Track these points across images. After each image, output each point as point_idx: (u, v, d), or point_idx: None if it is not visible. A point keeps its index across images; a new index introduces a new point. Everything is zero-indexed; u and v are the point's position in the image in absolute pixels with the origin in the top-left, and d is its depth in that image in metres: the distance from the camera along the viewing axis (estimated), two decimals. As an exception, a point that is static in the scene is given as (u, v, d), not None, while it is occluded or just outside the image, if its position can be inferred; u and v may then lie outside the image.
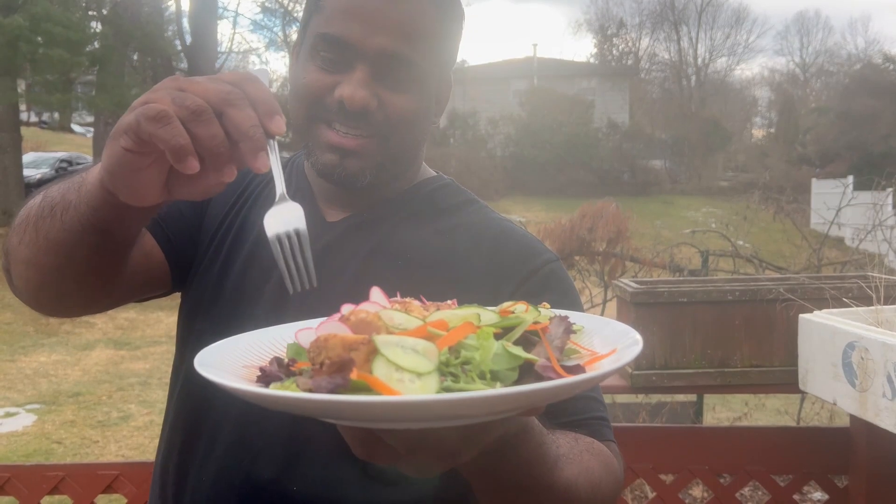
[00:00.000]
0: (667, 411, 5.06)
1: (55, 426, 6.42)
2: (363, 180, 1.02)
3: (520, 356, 0.68)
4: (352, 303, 0.79)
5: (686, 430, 2.57)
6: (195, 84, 0.74)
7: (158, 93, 0.74)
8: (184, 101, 0.71)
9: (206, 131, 0.72)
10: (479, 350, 0.67)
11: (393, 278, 1.01)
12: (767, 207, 7.69)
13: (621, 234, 5.44)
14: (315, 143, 1.02)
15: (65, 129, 33.72)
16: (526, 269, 1.06)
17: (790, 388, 1.84)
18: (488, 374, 0.66)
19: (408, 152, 1.07)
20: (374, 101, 0.99)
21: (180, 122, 0.71)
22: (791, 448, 2.02)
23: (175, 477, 1.07)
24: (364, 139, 1.00)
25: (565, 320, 0.75)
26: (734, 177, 27.67)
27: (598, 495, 0.94)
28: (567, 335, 0.74)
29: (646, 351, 1.93)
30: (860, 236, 5.81)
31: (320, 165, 1.02)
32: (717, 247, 6.31)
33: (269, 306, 1.04)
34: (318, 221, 1.09)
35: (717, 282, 2.16)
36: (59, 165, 21.98)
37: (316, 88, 1.00)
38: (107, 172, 0.79)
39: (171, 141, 0.71)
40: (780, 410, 5.64)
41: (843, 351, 1.64)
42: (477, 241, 1.08)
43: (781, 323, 1.91)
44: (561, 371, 0.68)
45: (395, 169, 1.06)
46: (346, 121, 0.99)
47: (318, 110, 1.00)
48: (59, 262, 0.92)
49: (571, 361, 0.74)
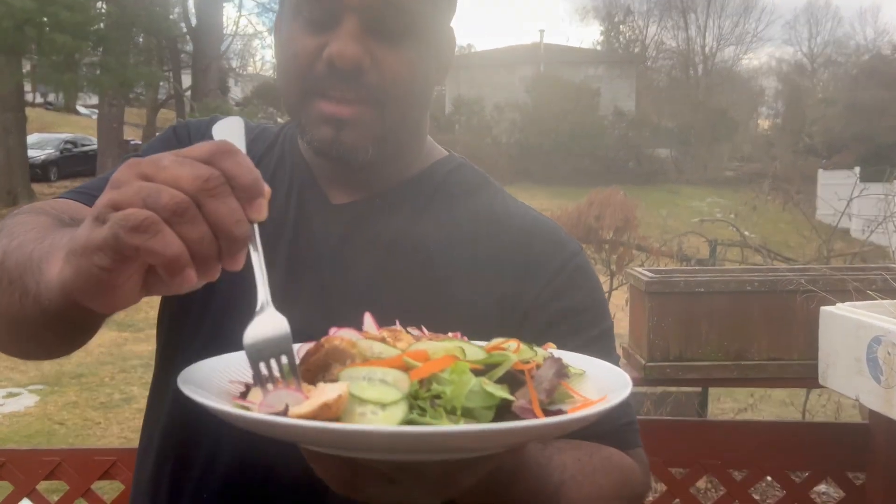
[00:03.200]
0: (671, 401, 5.02)
1: (57, 407, 6.40)
2: (364, 155, 0.91)
3: (494, 395, 0.63)
4: (369, 305, 0.77)
5: (698, 423, 2.52)
6: (164, 170, 0.59)
7: (123, 190, 0.59)
8: (159, 199, 0.57)
9: (192, 233, 0.58)
10: (452, 385, 0.62)
11: (413, 276, 0.94)
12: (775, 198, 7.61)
13: (629, 222, 5.37)
14: (307, 118, 0.91)
15: (70, 110, 33.66)
16: (554, 265, 0.97)
17: (809, 383, 1.79)
18: (459, 409, 0.62)
19: (408, 120, 0.95)
20: (367, 59, 0.87)
21: None
22: (807, 444, 1.97)
23: (169, 486, 0.97)
24: (359, 105, 0.89)
25: (558, 362, 0.70)
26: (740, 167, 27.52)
27: None
28: (558, 378, 0.69)
29: (660, 342, 1.88)
30: (871, 227, 5.74)
31: (316, 142, 0.91)
32: (724, 237, 6.25)
33: (276, 300, 0.95)
34: (321, 203, 0.99)
35: (735, 272, 2.10)
36: (63, 146, 21.97)
37: (303, 57, 0.89)
38: (73, 288, 0.63)
39: (165, 253, 0.57)
40: (786, 402, 5.59)
41: (868, 345, 1.58)
42: (501, 233, 0.99)
43: (801, 315, 1.85)
44: (539, 413, 0.63)
45: (397, 141, 0.95)
46: (338, 83, 0.88)
47: (309, 82, 0.90)
48: (18, 336, 0.82)
49: (561, 406, 0.68)
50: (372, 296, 0.93)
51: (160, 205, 0.57)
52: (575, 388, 0.72)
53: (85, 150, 22.16)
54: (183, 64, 27.74)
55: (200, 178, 0.59)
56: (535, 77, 27.89)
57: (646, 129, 28.10)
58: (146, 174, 0.60)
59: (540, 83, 27.06)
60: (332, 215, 0.98)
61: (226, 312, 0.94)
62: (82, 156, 21.89)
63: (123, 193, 0.59)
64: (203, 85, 21.87)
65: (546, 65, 29.87)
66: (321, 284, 0.94)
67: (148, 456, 1.01)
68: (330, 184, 1.01)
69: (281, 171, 1.03)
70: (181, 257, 0.58)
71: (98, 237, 0.59)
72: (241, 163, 0.61)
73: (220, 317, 0.95)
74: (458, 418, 0.61)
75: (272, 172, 1.02)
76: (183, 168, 0.59)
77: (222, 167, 0.60)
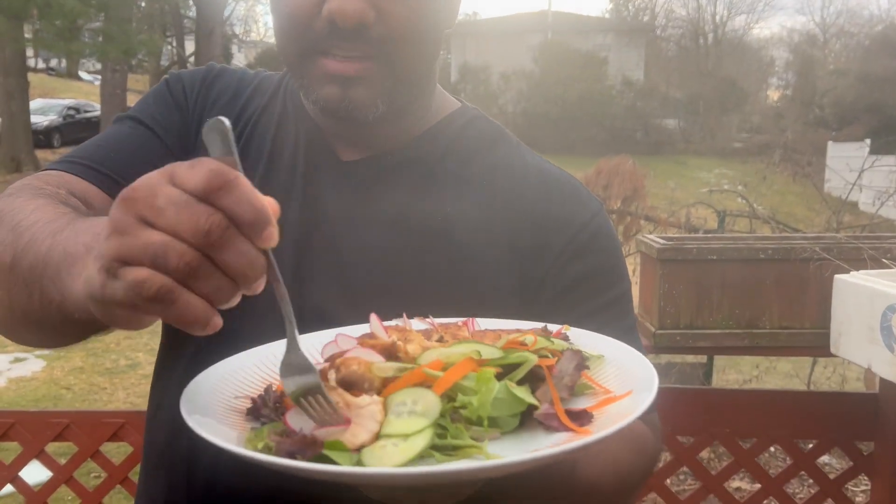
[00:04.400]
0: (676, 372, 5.03)
1: (63, 372, 6.45)
2: (375, 111, 0.86)
3: (524, 400, 0.63)
4: (385, 273, 0.79)
5: (707, 391, 2.52)
6: (163, 215, 0.55)
7: (128, 241, 0.55)
8: (168, 261, 0.54)
9: (208, 287, 0.56)
10: (478, 393, 0.62)
11: (430, 243, 0.90)
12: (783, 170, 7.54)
13: (637, 191, 5.33)
14: (310, 78, 0.86)
15: (72, 76, 33.47)
16: (575, 225, 0.94)
17: (820, 352, 1.78)
18: (486, 420, 0.61)
19: (418, 71, 0.90)
20: (371, 12, 0.82)
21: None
22: (815, 413, 1.96)
23: (186, 458, 0.93)
24: (366, 62, 0.84)
25: (578, 355, 0.69)
26: (748, 138, 27.29)
27: (624, 485, 0.88)
28: (579, 372, 0.68)
29: (670, 310, 1.86)
30: (881, 199, 5.69)
31: (322, 101, 0.86)
32: (732, 208, 6.20)
33: (287, 271, 0.89)
34: (331, 160, 0.95)
35: (748, 239, 2.08)
36: (66, 112, 21.87)
37: (301, 15, 0.83)
38: (99, 317, 0.62)
39: (187, 317, 0.56)
40: (790, 374, 5.60)
41: (883, 314, 1.56)
42: (520, 191, 0.95)
43: (815, 283, 1.83)
44: (565, 419, 0.62)
45: (408, 94, 0.90)
46: (342, 42, 0.83)
47: (308, 41, 0.84)
48: (34, 329, 0.80)
49: (583, 400, 0.67)
50: (388, 266, 0.90)
51: (171, 267, 0.54)
52: (595, 374, 0.71)
53: (88, 116, 22.08)
54: (186, 30, 27.49)
55: (203, 230, 0.55)
56: (542, 45, 27.54)
57: (654, 99, 27.81)
58: (145, 217, 0.55)
59: (547, 52, 26.73)
60: (343, 175, 0.94)
61: None
62: (85, 122, 21.80)
63: (129, 247, 0.55)
64: (206, 51, 21.67)
65: (554, 33, 29.48)
66: (336, 251, 0.91)
67: (157, 424, 0.98)
68: (338, 139, 0.96)
69: (286, 124, 0.98)
70: (205, 315, 0.56)
71: (115, 295, 0.57)
72: (241, 197, 0.56)
73: None
74: (485, 428, 0.61)
75: (276, 125, 0.98)
76: (182, 213, 0.55)
77: (223, 206, 0.55)
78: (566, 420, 0.62)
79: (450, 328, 0.77)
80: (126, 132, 0.98)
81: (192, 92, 1.00)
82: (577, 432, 0.62)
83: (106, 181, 0.92)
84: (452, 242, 0.91)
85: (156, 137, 0.97)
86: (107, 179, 0.92)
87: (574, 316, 0.89)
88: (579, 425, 0.62)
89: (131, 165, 0.92)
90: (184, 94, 1.00)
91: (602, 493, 0.85)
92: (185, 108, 0.99)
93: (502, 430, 0.63)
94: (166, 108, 0.99)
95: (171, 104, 1.00)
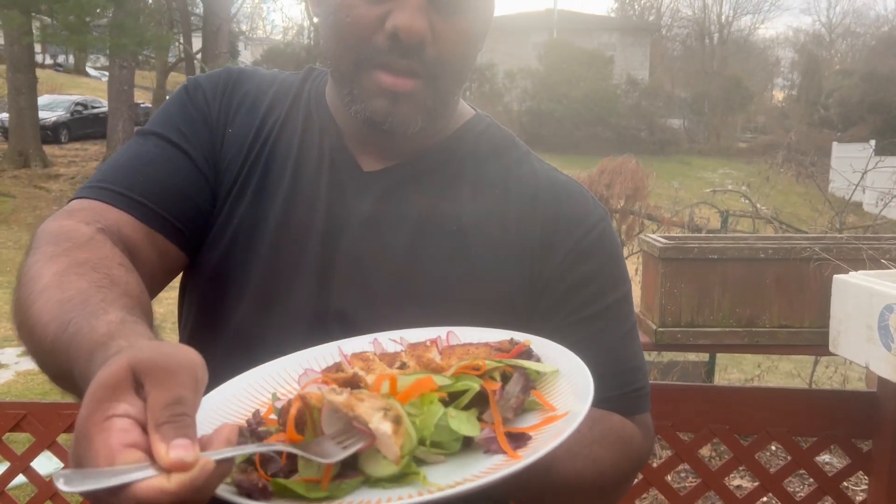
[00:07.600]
0: (678, 370, 5.05)
1: (70, 366, 6.49)
2: (413, 127, 0.90)
3: (457, 432, 0.66)
4: (405, 279, 0.85)
5: (707, 388, 2.54)
6: None
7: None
8: None
9: None
10: (420, 415, 0.65)
11: (446, 248, 0.94)
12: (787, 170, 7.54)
13: (639, 190, 5.34)
14: (361, 89, 0.88)
15: (80, 72, 33.53)
16: (581, 228, 0.97)
17: (819, 350, 1.80)
18: (428, 441, 0.64)
19: (457, 93, 0.95)
20: (430, 34, 0.85)
21: None
22: (814, 410, 1.99)
23: None
24: (417, 79, 0.87)
25: (524, 377, 0.72)
26: (753, 138, 27.25)
27: (607, 483, 0.91)
28: (525, 394, 0.72)
29: (672, 308, 1.89)
30: (884, 200, 5.69)
31: (369, 112, 0.88)
32: (736, 208, 6.21)
33: (312, 276, 0.93)
34: (353, 171, 0.97)
35: (749, 239, 2.10)
36: (73, 108, 21.91)
37: (363, 26, 0.85)
38: None
39: None
40: (792, 374, 5.62)
41: (880, 313, 1.59)
42: (531, 197, 0.98)
43: (814, 283, 1.86)
44: (505, 445, 0.66)
45: (444, 112, 0.95)
46: (400, 58, 0.86)
47: (367, 53, 0.86)
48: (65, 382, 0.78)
49: (531, 416, 0.71)
50: (407, 268, 0.93)
51: None
52: (549, 387, 0.74)
53: (95, 112, 22.10)
54: (193, 27, 27.53)
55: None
56: (547, 44, 27.52)
57: (659, 99, 27.78)
58: None
59: (552, 50, 26.70)
60: (365, 185, 0.97)
61: (275, 274, 0.94)
62: (93, 118, 21.84)
63: None
64: (213, 48, 21.71)
65: (559, 31, 29.46)
66: (357, 257, 0.94)
67: None
68: (360, 148, 0.98)
69: (310, 132, 1.00)
70: None
71: None
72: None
73: (267, 278, 0.95)
74: (428, 448, 0.65)
75: (301, 132, 1.00)
76: None
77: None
78: (504, 444, 0.66)
79: (417, 349, 0.80)
80: (154, 152, 0.97)
81: (214, 101, 1.01)
82: (510, 456, 0.65)
83: (140, 209, 0.92)
84: (470, 246, 0.94)
85: (184, 156, 0.97)
86: (140, 207, 0.92)
87: (576, 317, 0.93)
88: (516, 447, 0.66)
89: (165, 190, 0.93)
90: (206, 105, 1.00)
91: (583, 492, 0.88)
92: (209, 118, 1.00)
93: (446, 452, 0.66)
94: (191, 122, 0.99)
95: (195, 118, 0.99)
